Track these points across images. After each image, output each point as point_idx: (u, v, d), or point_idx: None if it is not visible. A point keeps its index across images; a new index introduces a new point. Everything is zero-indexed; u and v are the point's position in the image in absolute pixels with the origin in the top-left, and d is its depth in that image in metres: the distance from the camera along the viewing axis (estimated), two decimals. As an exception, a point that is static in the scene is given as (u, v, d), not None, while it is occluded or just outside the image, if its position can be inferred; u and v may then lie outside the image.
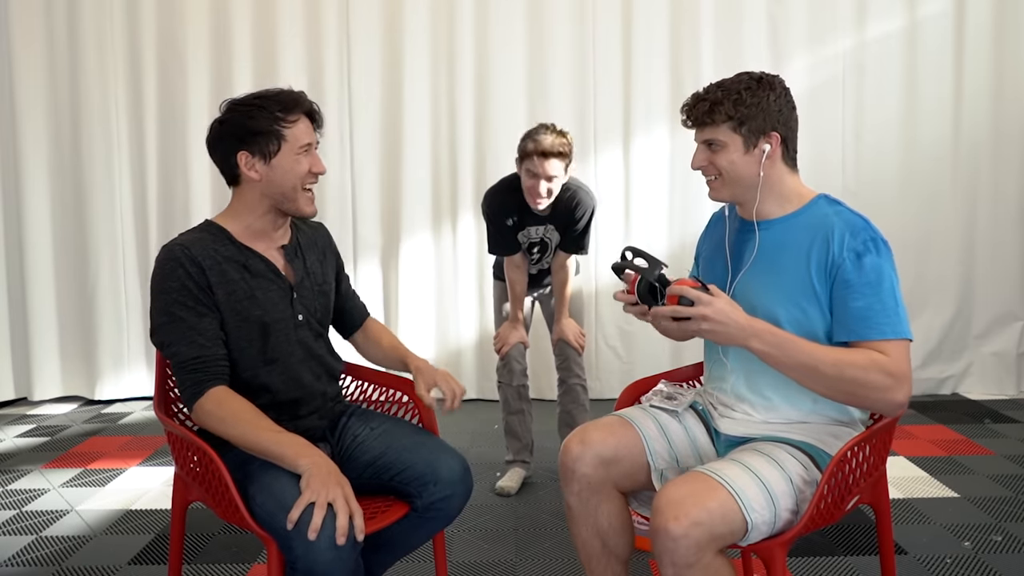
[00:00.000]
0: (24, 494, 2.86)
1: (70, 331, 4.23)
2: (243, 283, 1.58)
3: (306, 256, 1.73)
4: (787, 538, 1.36)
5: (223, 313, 1.55)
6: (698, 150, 1.52)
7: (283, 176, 1.58)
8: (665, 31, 3.99)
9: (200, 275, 1.52)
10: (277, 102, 1.57)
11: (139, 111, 4.10)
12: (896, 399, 1.36)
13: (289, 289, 1.65)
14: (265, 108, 1.56)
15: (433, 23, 4.03)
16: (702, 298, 1.36)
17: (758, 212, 1.52)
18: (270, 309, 1.60)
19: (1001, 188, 4.00)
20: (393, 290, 4.16)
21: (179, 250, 1.53)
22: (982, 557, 2.25)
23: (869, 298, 1.38)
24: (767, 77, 1.48)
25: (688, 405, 1.66)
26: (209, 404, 1.49)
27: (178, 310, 1.51)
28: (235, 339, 1.58)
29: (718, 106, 1.45)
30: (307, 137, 1.60)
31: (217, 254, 1.57)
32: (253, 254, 1.62)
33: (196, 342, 1.50)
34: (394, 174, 4.12)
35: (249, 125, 1.56)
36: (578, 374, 2.86)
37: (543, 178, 2.53)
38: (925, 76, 3.96)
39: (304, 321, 1.67)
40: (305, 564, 1.36)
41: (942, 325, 4.06)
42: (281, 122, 1.56)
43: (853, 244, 1.40)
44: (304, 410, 1.67)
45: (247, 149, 1.57)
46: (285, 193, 1.60)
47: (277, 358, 1.62)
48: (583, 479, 1.53)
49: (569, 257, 2.77)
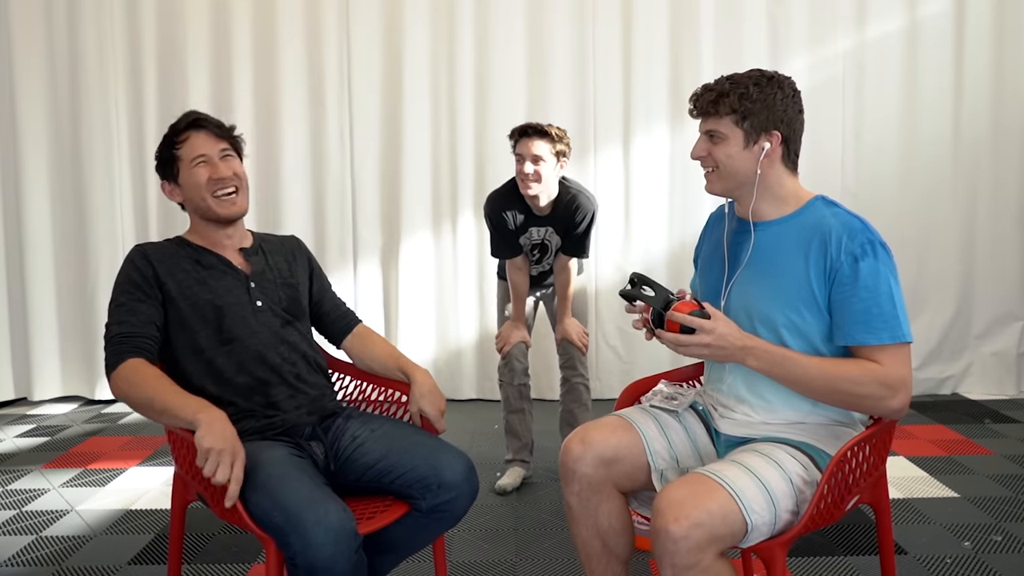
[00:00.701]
0: (24, 494, 2.87)
1: (70, 331, 4.23)
2: (194, 272, 1.70)
3: (268, 255, 1.82)
4: (787, 538, 1.36)
5: (176, 300, 1.65)
6: (699, 140, 1.53)
7: (191, 191, 1.72)
8: (665, 31, 3.99)
9: (147, 267, 1.66)
10: (172, 127, 1.75)
11: (139, 111, 4.10)
12: (892, 406, 1.37)
13: (244, 279, 1.74)
14: (165, 137, 1.75)
15: (433, 23, 4.03)
16: (703, 326, 1.37)
17: (754, 212, 1.52)
18: (223, 294, 1.69)
19: (1001, 188, 4.00)
20: (393, 290, 4.16)
21: (135, 251, 1.69)
22: (982, 557, 2.25)
23: (867, 302, 1.37)
24: (778, 76, 1.48)
25: (688, 405, 1.66)
26: (124, 371, 1.55)
27: (121, 297, 1.64)
28: (190, 322, 1.66)
29: (724, 97, 1.45)
30: (201, 148, 1.72)
31: (173, 253, 1.71)
32: (207, 252, 1.74)
33: (127, 321, 1.60)
34: (394, 174, 4.12)
35: (157, 157, 1.76)
36: (582, 373, 2.87)
37: (528, 158, 2.57)
38: (925, 76, 3.97)
39: (265, 307, 1.73)
40: (304, 560, 1.36)
41: (942, 325, 4.06)
42: (174, 145, 1.72)
43: (851, 247, 1.39)
44: (278, 394, 1.68)
45: (164, 178, 1.76)
46: (197, 204, 1.73)
47: (234, 338, 1.67)
48: (583, 479, 1.53)
49: (571, 259, 2.78)
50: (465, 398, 4.17)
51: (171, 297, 1.65)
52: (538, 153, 2.57)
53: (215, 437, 1.41)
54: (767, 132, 1.46)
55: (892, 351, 1.37)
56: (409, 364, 1.83)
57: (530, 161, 2.58)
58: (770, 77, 1.48)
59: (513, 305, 2.83)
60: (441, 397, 1.78)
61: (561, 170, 2.66)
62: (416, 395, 1.76)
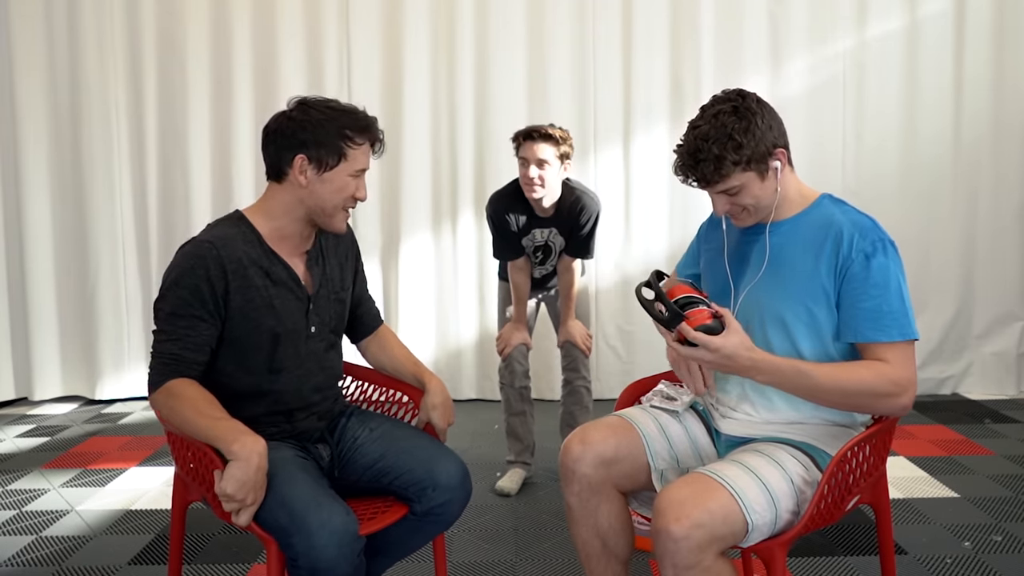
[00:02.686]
0: (24, 494, 2.86)
1: (70, 331, 4.23)
2: (263, 291, 1.57)
3: (327, 262, 1.72)
4: (787, 538, 1.36)
5: (236, 319, 1.55)
6: (717, 200, 1.48)
7: (329, 192, 1.58)
8: (665, 31, 3.99)
9: (220, 280, 1.52)
10: (351, 119, 1.57)
11: (139, 111, 4.10)
12: (902, 403, 1.38)
13: (307, 300, 1.65)
14: (336, 121, 1.56)
15: (433, 23, 4.03)
16: (709, 344, 1.35)
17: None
18: (284, 319, 1.60)
19: (1001, 188, 4.00)
20: (393, 290, 4.16)
21: (207, 248, 1.52)
22: (982, 557, 2.25)
23: (877, 299, 1.38)
24: (741, 104, 1.42)
25: (688, 406, 1.66)
26: (168, 389, 1.50)
27: (182, 308, 1.51)
28: (242, 345, 1.58)
29: (722, 160, 1.40)
30: (365, 163, 1.60)
31: (245, 256, 1.56)
32: (277, 260, 1.61)
33: (182, 342, 1.51)
34: (394, 174, 4.11)
35: (316, 132, 1.54)
36: (584, 375, 2.87)
37: (532, 162, 2.54)
38: (925, 76, 3.96)
39: (316, 333, 1.67)
40: (308, 562, 1.36)
41: (942, 325, 4.06)
42: (348, 140, 1.56)
43: (862, 245, 1.40)
44: (300, 415, 1.68)
45: (306, 154, 1.55)
46: (325, 208, 1.59)
47: (283, 368, 1.62)
48: (583, 479, 1.53)
49: (575, 260, 2.77)
50: (465, 398, 4.17)
51: (231, 314, 1.55)
52: (543, 157, 2.54)
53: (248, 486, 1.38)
54: (772, 156, 1.44)
55: (900, 349, 1.37)
56: (426, 372, 1.81)
57: (535, 165, 2.54)
58: (735, 110, 1.41)
59: (515, 307, 2.82)
60: (452, 411, 1.76)
61: (565, 172, 2.64)
62: (428, 404, 1.75)
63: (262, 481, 1.41)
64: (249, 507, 1.40)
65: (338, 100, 1.62)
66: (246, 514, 1.40)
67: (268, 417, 1.62)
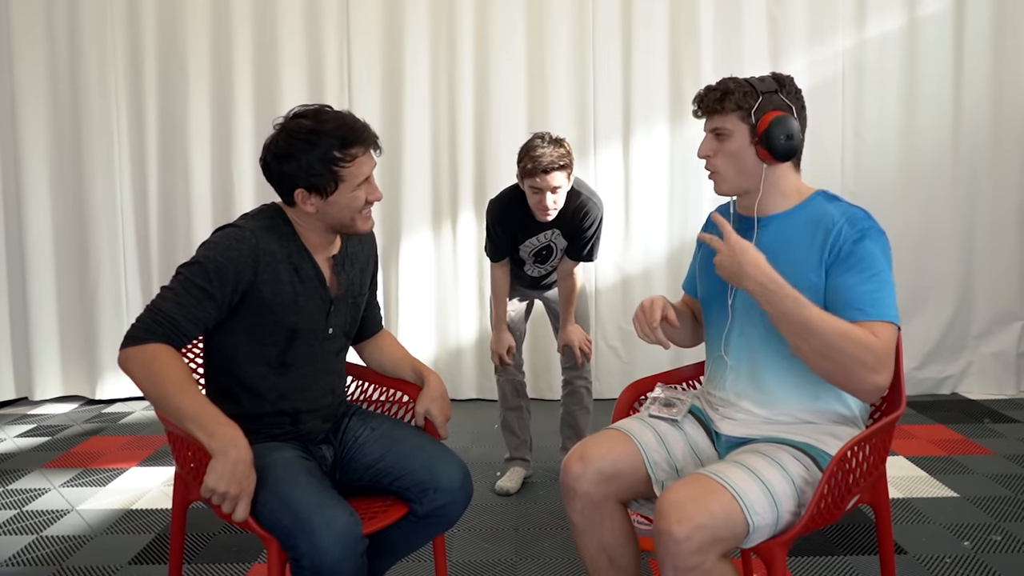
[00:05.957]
0: (24, 494, 2.87)
1: (71, 331, 4.23)
2: (290, 286, 1.57)
3: (351, 268, 1.72)
4: (787, 538, 1.36)
5: (257, 308, 1.54)
6: (705, 139, 1.54)
7: (340, 211, 1.57)
8: (665, 31, 3.99)
9: (248, 271, 1.51)
10: (335, 139, 1.51)
11: (139, 111, 4.10)
12: (877, 382, 1.35)
13: (329, 302, 1.65)
14: (320, 147, 1.50)
15: (433, 22, 4.03)
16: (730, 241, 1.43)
17: (759, 208, 1.53)
18: (306, 318, 1.61)
19: (1001, 187, 4.01)
20: (393, 290, 4.16)
21: (248, 237, 1.52)
22: (982, 557, 2.25)
23: (864, 282, 1.39)
24: (781, 76, 1.52)
25: (687, 412, 1.65)
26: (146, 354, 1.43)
27: (201, 278, 1.48)
28: (260, 335, 1.57)
29: (729, 95, 1.48)
30: (366, 170, 1.57)
31: (279, 251, 1.56)
32: (308, 257, 1.61)
33: (185, 308, 1.47)
34: (394, 174, 4.11)
35: (304, 165, 1.51)
36: (585, 376, 2.88)
37: (547, 191, 2.50)
38: (925, 76, 3.97)
39: (332, 335, 1.68)
40: (311, 562, 1.37)
41: (942, 325, 4.06)
42: (339, 162, 1.52)
43: (851, 232, 1.42)
44: (306, 418, 1.68)
45: (303, 187, 1.53)
46: (342, 222, 1.60)
47: (293, 364, 1.62)
48: (585, 497, 1.53)
49: (576, 265, 2.75)
50: (465, 398, 4.17)
51: (254, 304, 1.53)
52: (558, 184, 2.50)
53: (227, 478, 1.36)
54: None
55: (884, 330, 1.36)
56: (425, 368, 1.83)
57: (550, 193, 2.50)
58: (773, 77, 1.51)
59: (495, 308, 2.81)
60: (449, 405, 1.78)
61: (569, 183, 2.59)
62: (426, 397, 1.76)
63: (245, 471, 1.39)
64: (240, 500, 1.38)
65: (324, 109, 1.57)
66: (240, 507, 1.38)
67: (273, 418, 1.62)
